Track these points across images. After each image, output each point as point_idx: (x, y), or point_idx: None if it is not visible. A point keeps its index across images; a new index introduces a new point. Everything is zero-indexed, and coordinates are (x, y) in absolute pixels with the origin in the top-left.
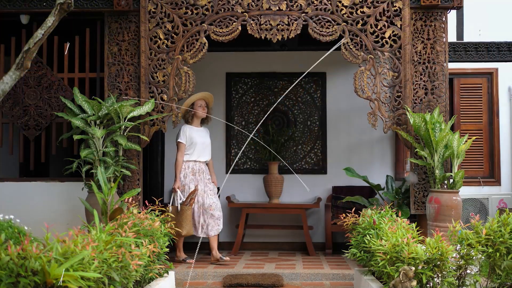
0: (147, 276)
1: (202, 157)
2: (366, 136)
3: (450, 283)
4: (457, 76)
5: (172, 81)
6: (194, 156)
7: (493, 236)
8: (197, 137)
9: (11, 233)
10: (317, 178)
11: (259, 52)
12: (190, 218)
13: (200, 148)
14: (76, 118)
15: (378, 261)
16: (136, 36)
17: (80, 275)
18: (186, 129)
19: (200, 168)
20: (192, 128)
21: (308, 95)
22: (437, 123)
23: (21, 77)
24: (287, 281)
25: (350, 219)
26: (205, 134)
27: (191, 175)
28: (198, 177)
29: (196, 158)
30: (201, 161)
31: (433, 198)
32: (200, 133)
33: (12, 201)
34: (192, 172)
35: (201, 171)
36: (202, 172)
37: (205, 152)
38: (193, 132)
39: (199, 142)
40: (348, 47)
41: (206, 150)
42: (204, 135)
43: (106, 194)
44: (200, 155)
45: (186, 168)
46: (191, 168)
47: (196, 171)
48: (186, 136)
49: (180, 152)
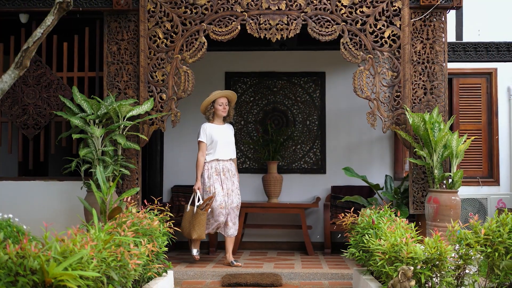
0: (145, 275)
1: (225, 155)
2: (365, 135)
3: (449, 283)
4: (456, 76)
5: (171, 81)
6: (216, 155)
7: (491, 236)
8: (218, 135)
9: (10, 232)
10: (316, 177)
11: (258, 51)
12: (203, 223)
13: (222, 146)
14: (75, 117)
15: (376, 260)
16: (135, 35)
17: (79, 274)
18: (206, 127)
19: (224, 166)
20: (212, 126)
21: (307, 95)
22: (436, 123)
23: (20, 76)
24: (286, 281)
25: (349, 218)
26: (228, 131)
27: (215, 175)
28: (223, 176)
29: (218, 156)
30: (225, 160)
31: (432, 198)
32: (221, 130)
33: (11, 200)
34: (216, 172)
35: (226, 169)
36: (227, 170)
37: (227, 149)
38: (213, 130)
39: (221, 140)
40: (347, 47)
41: (228, 148)
42: (226, 133)
43: (105, 193)
44: (222, 154)
45: (209, 169)
46: (214, 168)
47: (220, 170)
48: (206, 134)
49: (201, 152)
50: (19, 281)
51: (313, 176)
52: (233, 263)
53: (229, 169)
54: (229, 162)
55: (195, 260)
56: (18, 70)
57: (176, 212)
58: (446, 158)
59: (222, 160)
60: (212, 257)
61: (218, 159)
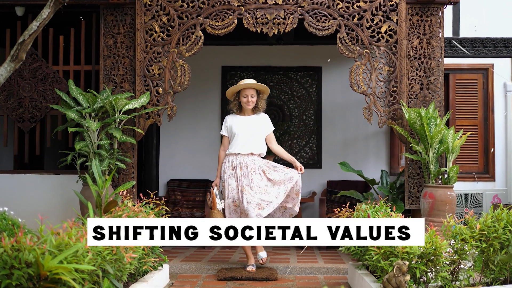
0: (141, 269)
1: (245, 149)
2: (361, 130)
3: (444, 277)
4: (452, 71)
5: (168, 74)
6: (233, 149)
7: (487, 231)
8: (239, 127)
9: (5, 225)
10: (312, 172)
11: (255, 46)
12: None
13: (242, 139)
14: (71, 111)
15: (372, 255)
16: (132, 29)
17: (74, 267)
18: (227, 119)
19: (242, 161)
20: (235, 117)
21: (304, 90)
22: (432, 118)
23: (16, 69)
24: (281, 275)
25: (345, 213)
26: (254, 123)
27: (230, 170)
28: (240, 172)
29: (237, 150)
30: (243, 154)
31: (427, 193)
32: (245, 122)
33: (6, 193)
34: (232, 167)
35: (244, 165)
36: (245, 166)
37: (248, 143)
38: (235, 122)
39: (242, 133)
40: (344, 42)
41: (251, 141)
42: (250, 125)
43: (100, 186)
44: (242, 147)
45: (226, 162)
46: (230, 162)
47: (236, 165)
48: (227, 127)
49: (222, 146)
50: (14, 274)
51: (309, 170)
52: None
53: (248, 165)
54: (250, 157)
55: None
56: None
57: (172, 206)
58: (442, 153)
59: (241, 155)
60: (208, 251)
61: (237, 153)
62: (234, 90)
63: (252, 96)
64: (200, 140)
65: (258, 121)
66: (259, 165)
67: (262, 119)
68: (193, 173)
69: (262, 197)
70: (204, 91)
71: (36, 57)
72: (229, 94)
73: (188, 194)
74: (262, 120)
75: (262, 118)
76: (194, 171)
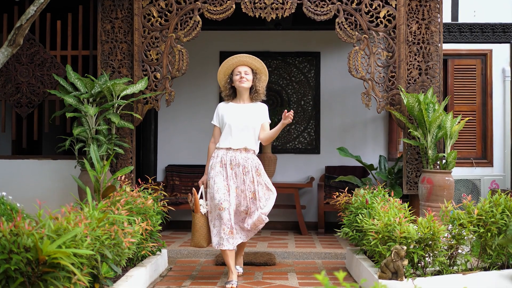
0: (139, 253)
1: (237, 143)
2: (359, 116)
3: (441, 262)
4: (451, 57)
5: (166, 60)
6: (224, 142)
7: (484, 216)
8: (231, 116)
9: (3, 210)
10: (310, 157)
11: (253, 31)
12: (199, 228)
13: (235, 131)
14: (69, 96)
15: (370, 240)
16: (130, 14)
17: (73, 252)
18: (219, 107)
19: (233, 158)
20: (228, 105)
21: (302, 75)
22: (430, 103)
23: (13, 54)
24: (280, 260)
25: (343, 198)
26: (249, 113)
27: (219, 167)
28: (230, 170)
29: (227, 144)
30: (235, 149)
31: (425, 178)
32: (239, 111)
33: (4, 178)
34: (221, 163)
35: (235, 162)
36: (237, 165)
37: (242, 136)
38: (227, 110)
39: (234, 123)
40: (342, 27)
41: (245, 134)
42: (245, 114)
43: (98, 172)
44: (234, 141)
45: (214, 157)
46: (220, 157)
47: (226, 162)
48: (218, 115)
49: (212, 137)
50: (13, 259)
51: (307, 156)
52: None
53: (240, 163)
54: (243, 154)
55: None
56: (11, 48)
57: (170, 191)
58: (440, 138)
59: (232, 150)
60: None
61: (226, 147)
62: (226, 71)
63: (246, 73)
64: (198, 125)
65: (255, 111)
66: (253, 164)
67: (259, 108)
68: (192, 158)
69: (251, 204)
70: (202, 76)
71: (33, 42)
72: (220, 77)
73: (186, 180)
74: (259, 110)
75: (259, 107)
76: (193, 156)
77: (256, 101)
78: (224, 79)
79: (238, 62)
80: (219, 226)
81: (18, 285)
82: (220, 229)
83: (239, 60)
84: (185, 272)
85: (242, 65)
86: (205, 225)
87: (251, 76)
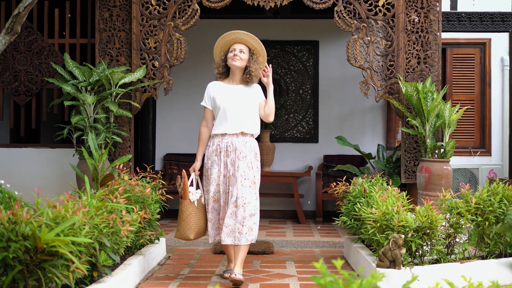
0: (138, 242)
1: (233, 128)
2: (358, 105)
3: (439, 251)
4: (450, 46)
5: (164, 48)
6: (219, 128)
7: (482, 205)
8: (225, 98)
9: (1, 198)
10: (309, 146)
11: (252, 19)
12: (186, 217)
13: (230, 114)
14: (67, 84)
15: (368, 229)
16: (128, 2)
17: (71, 240)
18: (209, 87)
19: (229, 144)
20: (220, 85)
21: (301, 64)
22: (429, 92)
23: (11, 42)
24: (278, 249)
25: (341, 187)
26: (244, 94)
27: (214, 156)
28: (225, 158)
29: (223, 130)
30: (231, 134)
31: (423, 167)
32: (233, 92)
33: (2, 167)
34: (216, 152)
35: (232, 148)
36: (233, 150)
37: (239, 119)
38: (219, 91)
39: (229, 105)
40: (341, 15)
41: (242, 117)
42: (240, 95)
43: (97, 160)
44: (229, 126)
45: (210, 146)
46: (215, 146)
47: (221, 149)
48: (210, 97)
49: (204, 121)
50: (11, 247)
51: (305, 145)
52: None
53: (237, 149)
54: (240, 138)
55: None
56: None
57: (168, 180)
58: (439, 127)
59: (228, 135)
60: None
61: (222, 133)
62: (223, 47)
63: (242, 51)
64: (196, 114)
65: (250, 92)
66: (251, 148)
67: (253, 89)
68: (190, 147)
69: (244, 193)
70: (201, 65)
71: (31, 30)
72: (216, 53)
73: (184, 168)
74: (254, 90)
75: (253, 88)
76: (191, 145)
77: (248, 84)
78: (219, 56)
79: (235, 39)
80: (215, 218)
81: (17, 273)
82: (216, 222)
83: (236, 37)
84: (183, 261)
85: (239, 42)
86: (193, 214)
87: (246, 56)
